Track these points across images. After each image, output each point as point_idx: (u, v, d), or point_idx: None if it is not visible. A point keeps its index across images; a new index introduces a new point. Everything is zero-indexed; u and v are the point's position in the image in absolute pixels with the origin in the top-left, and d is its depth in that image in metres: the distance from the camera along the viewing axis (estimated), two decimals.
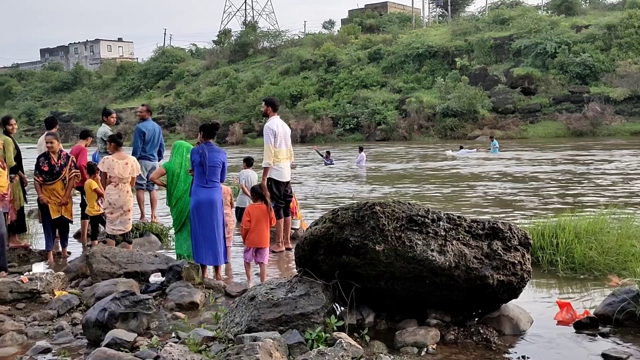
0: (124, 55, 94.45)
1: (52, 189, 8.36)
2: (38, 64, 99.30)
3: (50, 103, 71.80)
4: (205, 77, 61.63)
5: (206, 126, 7.37)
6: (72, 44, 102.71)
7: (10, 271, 7.79)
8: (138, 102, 59.78)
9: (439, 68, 46.70)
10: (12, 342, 5.34)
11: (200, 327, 5.28)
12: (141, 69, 71.85)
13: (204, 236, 7.11)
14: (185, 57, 71.68)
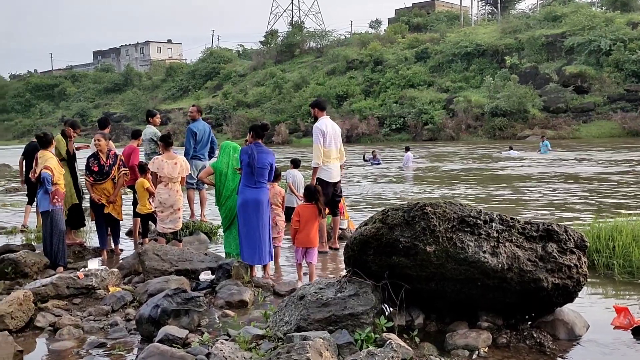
0: (173, 57, 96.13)
1: (102, 189, 8.55)
2: (91, 65, 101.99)
3: (102, 104, 73.66)
4: (252, 77, 62.23)
5: (256, 127, 7.45)
6: (124, 46, 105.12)
7: (67, 267, 8.02)
8: (186, 102, 60.85)
9: (488, 67, 45.99)
10: (69, 336, 5.49)
11: (250, 325, 5.32)
12: (189, 70, 73.07)
13: (248, 235, 7.17)
14: (232, 58, 72.55)
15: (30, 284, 6.82)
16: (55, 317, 5.92)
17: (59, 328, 5.64)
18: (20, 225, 11.30)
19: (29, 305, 5.90)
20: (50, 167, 7.80)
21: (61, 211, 8.00)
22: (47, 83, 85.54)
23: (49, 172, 7.76)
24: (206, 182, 8.51)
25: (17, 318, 5.69)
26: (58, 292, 6.49)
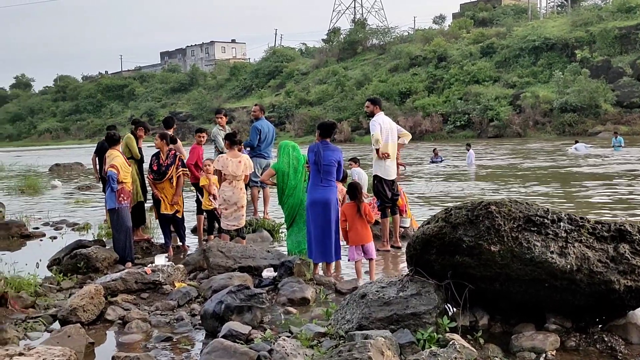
0: (237, 56, 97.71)
1: (161, 187, 8.76)
2: (158, 66, 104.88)
3: (169, 103, 75.58)
4: (314, 75, 62.51)
5: (322, 125, 7.45)
6: (189, 46, 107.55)
7: (135, 263, 8.27)
8: (250, 101, 61.69)
9: (557, 61, 44.62)
10: (138, 329, 5.66)
11: (312, 322, 5.34)
12: (253, 69, 74.06)
13: (316, 234, 7.20)
14: (295, 57, 73.08)
15: (101, 278, 7.07)
16: (124, 310, 6.12)
17: (127, 321, 5.82)
18: (103, 220, 11.75)
19: (100, 299, 6.12)
20: (116, 166, 8.05)
21: (127, 209, 8.23)
22: (117, 84, 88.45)
23: (114, 170, 8.02)
24: (268, 183, 8.61)
25: (88, 311, 5.91)
26: (127, 287, 6.70)
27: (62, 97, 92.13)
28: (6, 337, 5.25)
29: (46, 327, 5.82)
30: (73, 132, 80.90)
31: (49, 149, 61.10)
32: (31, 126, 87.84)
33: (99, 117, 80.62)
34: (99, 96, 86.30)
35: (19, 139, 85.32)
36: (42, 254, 9.01)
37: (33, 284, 6.95)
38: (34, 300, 6.52)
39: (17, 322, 5.82)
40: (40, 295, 6.78)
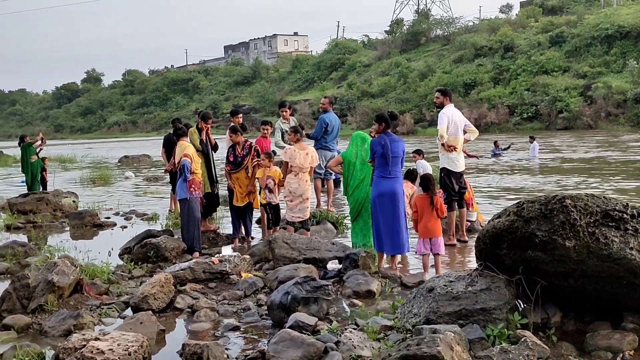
0: (299, 49, 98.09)
1: (236, 178, 8.88)
2: (222, 60, 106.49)
3: (232, 96, 76.68)
4: (376, 67, 62.09)
5: (385, 116, 7.37)
6: (252, 39, 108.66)
7: (202, 253, 8.43)
8: (312, 94, 61.91)
9: (632, 50, 42.66)
10: (206, 318, 5.76)
11: (378, 315, 5.32)
12: (315, 62, 74.20)
13: (385, 226, 7.14)
14: (357, 49, 72.76)
15: (170, 267, 7.24)
16: (193, 299, 6.24)
17: (196, 310, 5.93)
18: (168, 210, 12.05)
19: (170, 288, 6.26)
20: (189, 155, 8.23)
21: (197, 199, 8.40)
22: (182, 77, 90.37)
23: (188, 159, 8.19)
24: (335, 171, 8.60)
25: (159, 299, 6.06)
26: (195, 276, 6.84)
27: (130, 91, 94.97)
28: (82, 322, 5.44)
29: (119, 314, 6.01)
30: (140, 125, 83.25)
31: (118, 141, 63.15)
32: (101, 119, 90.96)
33: (165, 110, 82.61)
34: (164, 90, 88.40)
35: (89, 131, 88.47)
36: (114, 243, 9.32)
37: (106, 271, 7.20)
38: (107, 287, 6.74)
39: (92, 308, 6.04)
40: (113, 282, 7.01)
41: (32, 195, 13.44)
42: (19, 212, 12.49)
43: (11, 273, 7.57)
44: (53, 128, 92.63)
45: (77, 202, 13.70)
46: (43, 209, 12.70)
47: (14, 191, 16.95)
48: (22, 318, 5.67)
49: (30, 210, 12.55)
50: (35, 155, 15.71)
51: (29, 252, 8.60)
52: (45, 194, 13.64)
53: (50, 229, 11.36)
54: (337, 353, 4.50)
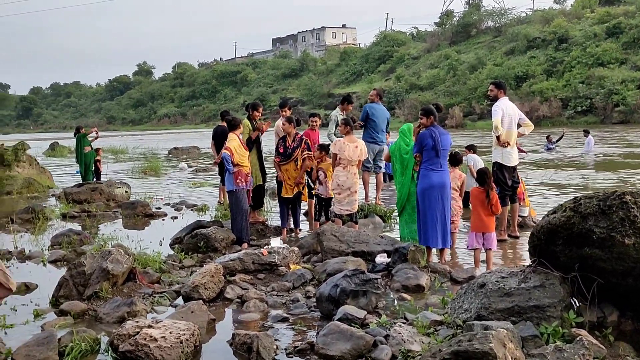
0: (347, 41, 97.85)
1: (285, 169, 8.91)
2: (270, 52, 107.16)
3: (280, 89, 77.11)
4: (425, 60, 61.45)
5: (432, 109, 7.26)
6: (300, 32, 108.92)
7: (251, 244, 8.50)
8: (359, 86, 61.68)
9: None
10: (255, 308, 5.81)
11: (427, 310, 5.26)
12: (363, 54, 73.93)
13: (433, 219, 7.06)
14: (406, 41, 72.13)
15: (220, 258, 7.33)
16: (242, 290, 6.30)
17: (245, 300, 5.98)
18: (217, 201, 12.20)
19: (220, 278, 6.34)
20: (229, 148, 8.30)
21: (244, 191, 8.45)
22: (231, 70, 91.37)
23: (228, 152, 8.28)
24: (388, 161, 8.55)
25: (209, 289, 6.14)
26: (244, 267, 6.90)
27: (179, 83, 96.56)
28: (135, 309, 5.55)
29: (170, 302, 6.11)
30: (189, 117, 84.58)
31: (167, 133, 64.33)
32: (151, 111, 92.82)
33: (214, 103, 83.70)
34: (213, 82, 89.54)
35: (140, 123, 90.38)
36: (165, 233, 9.49)
37: (158, 261, 7.34)
38: (159, 276, 6.87)
39: (144, 296, 6.16)
40: (164, 271, 7.14)
41: (87, 185, 13.82)
42: (74, 201, 12.85)
43: (67, 260, 7.80)
44: (105, 120, 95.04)
45: (129, 192, 14.01)
46: (97, 199, 13.04)
47: (70, 181, 17.45)
48: (78, 304, 5.83)
49: (85, 200, 12.90)
50: (89, 146, 16.13)
51: (84, 240, 8.84)
52: (99, 184, 13.99)
53: (103, 218, 11.65)
54: (386, 347, 4.48)
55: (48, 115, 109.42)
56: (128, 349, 4.56)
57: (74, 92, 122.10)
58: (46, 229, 10.40)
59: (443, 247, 7.17)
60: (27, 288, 6.63)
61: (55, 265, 7.82)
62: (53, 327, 5.24)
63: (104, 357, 4.75)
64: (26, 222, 10.86)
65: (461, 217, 8.43)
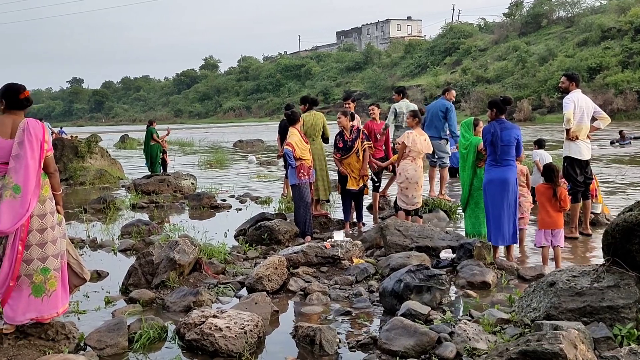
0: (412, 34, 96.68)
1: (347, 163, 8.87)
2: (334, 45, 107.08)
3: (344, 82, 76.99)
4: (493, 52, 60.09)
5: (497, 102, 7.06)
6: (365, 25, 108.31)
7: (314, 237, 8.52)
8: (424, 79, 60.95)
9: None
10: (318, 301, 5.81)
11: (494, 308, 5.14)
12: (428, 46, 72.98)
13: (495, 215, 6.89)
14: (473, 33, 70.74)
15: (284, 250, 7.37)
16: (305, 282, 6.32)
17: (308, 293, 6.00)
18: (281, 194, 12.30)
19: (283, 270, 6.38)
20: (290, 143, 8.33)
21: (307, 184, 8.46)
22: (295, 64, 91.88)
23: (289, 148, 8.31)
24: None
25: (273, 281, 6.19)
26: (307, 260, 6.92)
27: (244, 77, 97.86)
28: (201, 299, 5.65)
29: (235, 293, 6.19)
30: (254, 110, 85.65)
31: (232, 126, 65.37)
32: (217, 105, 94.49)
33: (278, 96, 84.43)
34: (277, 76, 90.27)
35: (206, 116, 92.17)
36: (229, 224, 9.63)
37: (223, 252, 7.45)
38: (223, 267, 6.97)
39: (209, 286, 6.26)
40: (229, 262, 7.24)
41: (155, 176, 14.20)
42: (142, 192, 13.23)
43: (136, 250, 8.02)
44: (173, 113, 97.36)
45: (195, 184, 14.30)
46: (164, 190, 13.38)
47: (139, 172, 17.97)
48: (147, 293, 5.99)
49: (153, 191, 13.26)
50: (153, 140, 16.60)
51: (152, 230, 9.08)
52: (167, 175, 14.34)
53: (170, 209, 11.93)
54: (451, 344, 4.40)
55: (119, 108, 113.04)
56: (194, 337, 4.64)
57: (143, 86, 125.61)
58: (116, 218, 10.74)
59: (509, 243, 6.98)
60: (99, 276, 6.85)
61: (124, 254, 8.06)
62: (123, 314, 5.39)
63: (171, 344, 4.85)
64: (98, 212, 11.25)
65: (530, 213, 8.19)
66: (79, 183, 15.88)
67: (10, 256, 4.43)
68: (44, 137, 4.56)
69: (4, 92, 4.58)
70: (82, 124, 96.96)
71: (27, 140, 4.44)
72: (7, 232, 4.36)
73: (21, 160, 4.41)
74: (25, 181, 4.40)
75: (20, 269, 4.46)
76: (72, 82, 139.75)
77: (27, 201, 4.40)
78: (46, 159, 4.59)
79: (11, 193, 4.36)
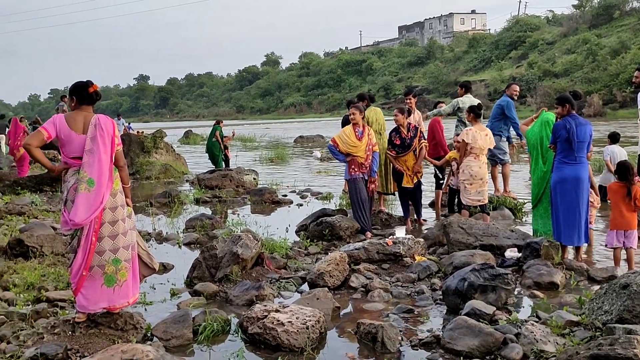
0: (476, 28, 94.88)
1: (404, 160, 8.77)
2: (396, 40, 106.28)
3: (405, 77, 76.29)
4: (561, 45, 58.30)
5: (569, 97, 6.80)
6: (427, 19, 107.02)
7: (375, 233, 8.47)
8: (488, 74, 59.71)
9: None
10: (380, 298, 5.78)
11: (562, 309, 4.98)
12: (493, 40, 71.45)
13: (565, 215, 6.65)
14: (540, 25, 68.82)
15: (345, 246, 7.35)
16: (366, 279, 6.29)
17: (370, 290, 5.97)
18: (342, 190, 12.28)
19: (344, 266, 6.37)
20: (334, 138, 8.40)
21: (361, 180, 8.38)
22: (356, 59, 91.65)
23: (332, 143, 8.37)
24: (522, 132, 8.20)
25: (334, 277, 6.18)
26: (369, 256, 6.88)
27: (305, 73, 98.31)
28: (263, 293, 5.70)
29: (296, 288, 6.21)
30: (314, 106, 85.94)
31: (293, 122, 65.81)
32: (278, 100, 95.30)
33: (339, 92, 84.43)
34: (338, 71, 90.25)
35: (267, 112, 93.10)
36: (290, 220, 9.70)
37: (284, 247, 7.51)
38: (285, 262, 7.01)
39: (271, 281, 6.32)
40: (290, 257, 7.28)
41: (218, 171, 14.44)
42: (206, 187, 13.48)
43: (200, 243, 8.17)
44: (235, 109, 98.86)
45: (257, 179, 14.46)
46: (227, 185, 13.59)
47: (203, 167, 18.33)
48: (211, 286, 6.09)
49: (216, 186, 13.49)
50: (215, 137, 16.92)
51: (215, 224, 9.23)
52: (229, 171, 14.56)
53: (233, 203, 12.11)
54: (517, 345, 4.28)
55: (183, 104, 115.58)
56: (256, 331, 4.69)
57: (206, 82, 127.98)
58: (181, 212, 10.98)
59: (581, 244, 6.74)
60: (165, 268, 7.01)
61: (189, 247, 8.23)
62: (188, 307, 5.50)
63: (234, 337, 4.92)
64: (163, 206, 11.53)
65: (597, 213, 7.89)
66: (144, 177, 16.35)
67: (84, 247, 4.59)
68: (114, 132, 4.71)
69: (73, 89, 4.75)
70: (148, 119, 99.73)
71: (99, 136, 4.59)
72: (83, 224, 4.52)
73: (94, 155, 4.56)
74: (99, 175, 4.55)
75: (93, 260, 4.62)
76: (139, 79, 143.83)
77: (100, 194, 4.55)
78: (116, 153, 4.73)
79: (86, 186, 4.52)
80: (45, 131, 4.55)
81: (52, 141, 4.72)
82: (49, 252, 7.11)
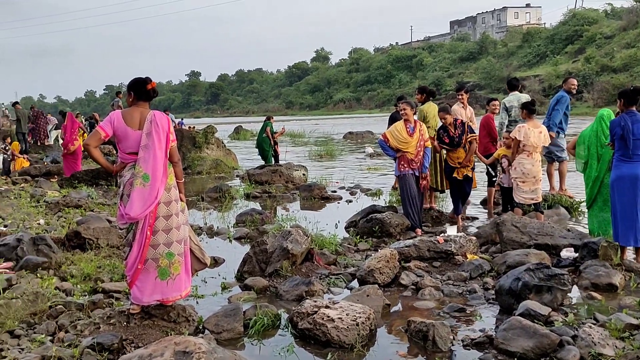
0: (530, 22, 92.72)
1: (456, 157, 8.64)
2: (447, 35, 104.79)
3: (457, 73, 75.14)
4: (620, 39, 56.34)
5: (627, 92, 6.55)
6: (480, 13, 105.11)
7: (425, 230, 8.38)
8: (542, 69, 58.29)
9: None
10: (430, 296, 5.71)
11: (622, 312, 4.82)
12: (548, 35, 69.63)
13: (623, 214, 6.41)
14: (598, 19, 66.65)
15: (395, 243, 7.29)
16: (417, 277, 6.22)
17: (420, 288, 5.90)
18: (392, 186, 12.21)
19: (395, 263, 6.31)
20: (384, 134, 8.33)
21: (411, 176, 8.27)
22: (406, 55, 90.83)
23: (382, 138, 8.32)
24: (571, 153, 7.96)
25: (384, 274, 6.14)
26: (419, 254, 6.81)
27: (355, 68, 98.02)
28: (313, 289, 5.71)
29: (346, 284, 6.20)
30: (364, 102, 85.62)
31: (342, 118, 65.75)
32: (327, 96, 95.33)
33: (388, 88, 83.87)
34: (388, 67, 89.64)
35: (316, 108, 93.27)
36: (340, 216, 9.69)
37: (334, 243, 7.50)
38: (335, 258, 7.00)
39: (321, 277, 6.32)
40: (340, 254, 7.27)
41: (268, 167, 14.54)
42: (256, 182, 13.60)
43: (250, 238, 8.25)
44: (284, 105, 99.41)
45: (306, 175, 14.50)
46: (277, 180, 13.68)
47: (253, 162, 18.49)
48: (261, 280, 6.13)
49: (266, 181, 13.59)
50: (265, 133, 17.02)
51: (265, 219, 9.29)
52: (279, 166, 14.64)
53: (282, 199, 12.18)
54: (574, 348, 4.16)
55: (233, 100, 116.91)
56: (306, 327, 4.70)
57: (256, 78, 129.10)
58: (231, 207, 11.10)
59: (636, 244, 6.48)
60: (216, 262, 7.09)
61: (239, 241, 8.31)
62: (239, 301, 5.55)
63: (284, 332, 4.93)
64: (214, 201, 11.68)
65: None
66: (196, 172, 16.60)
67: (140, 241, 4.68)
68: (169, 128, 4.78)
69: (131, 85, 4.84)
70: (199, 115, 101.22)
71: (155, 132, 4.67)
72: (138, 218, 4.61)
73: (150, 151, 4.64)
74: (154, 170, 4.63)
75: (147, 253, 4.71)
76: (190, 75, 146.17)
77: (155, 189, 4.63)
78: (170, 149, 4.80)
79: (141, 181, 4.61)
80: (103, 131, 4.66)
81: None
82: (104, 245, 7.29)
